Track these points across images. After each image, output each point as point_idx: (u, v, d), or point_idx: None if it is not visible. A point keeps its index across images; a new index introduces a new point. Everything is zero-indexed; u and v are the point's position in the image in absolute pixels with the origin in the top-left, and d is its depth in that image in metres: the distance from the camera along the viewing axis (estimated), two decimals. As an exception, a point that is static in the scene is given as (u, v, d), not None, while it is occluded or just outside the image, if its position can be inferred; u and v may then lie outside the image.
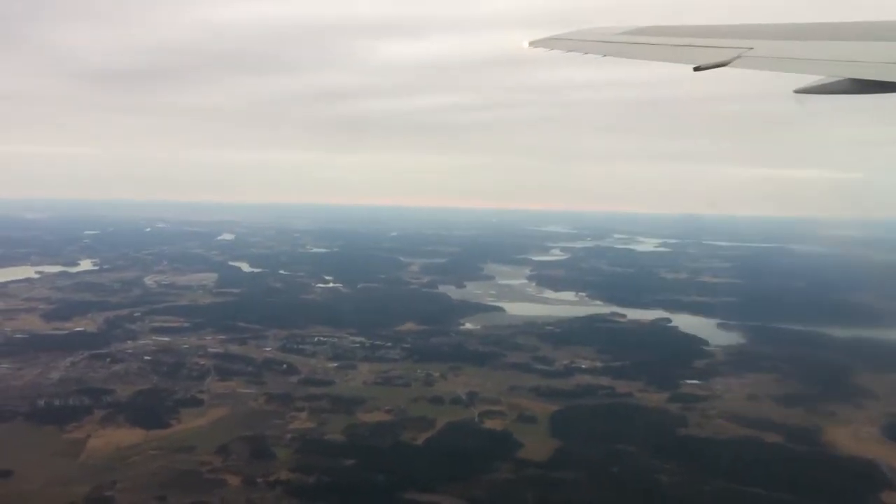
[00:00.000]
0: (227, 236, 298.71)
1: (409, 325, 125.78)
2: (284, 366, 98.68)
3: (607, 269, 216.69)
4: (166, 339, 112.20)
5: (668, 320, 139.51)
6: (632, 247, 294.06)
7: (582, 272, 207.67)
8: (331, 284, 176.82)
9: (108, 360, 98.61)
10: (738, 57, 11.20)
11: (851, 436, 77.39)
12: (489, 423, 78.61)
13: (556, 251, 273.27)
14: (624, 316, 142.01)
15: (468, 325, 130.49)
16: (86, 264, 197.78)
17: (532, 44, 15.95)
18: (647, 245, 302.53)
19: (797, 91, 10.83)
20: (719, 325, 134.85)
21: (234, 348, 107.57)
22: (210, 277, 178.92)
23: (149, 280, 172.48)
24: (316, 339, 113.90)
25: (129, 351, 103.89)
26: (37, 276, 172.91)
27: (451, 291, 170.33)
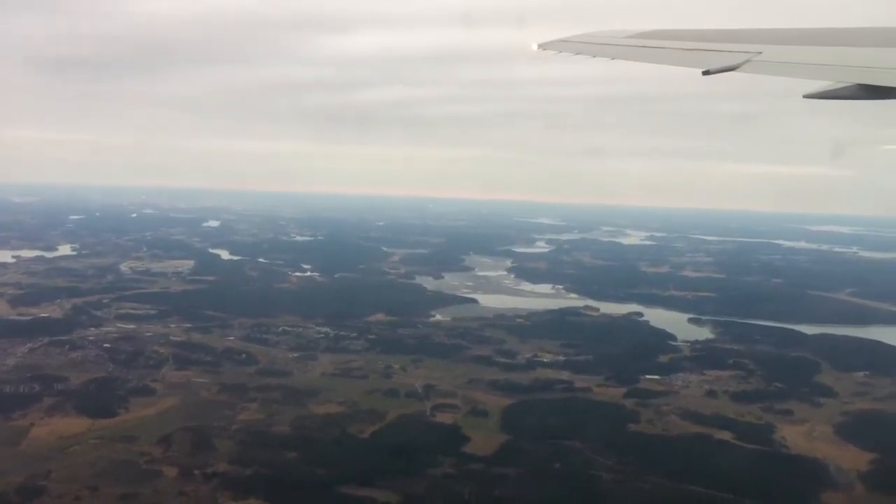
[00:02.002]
0: (213, 223, 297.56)
1: (379, 316, 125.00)
2: (244, 355, 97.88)
3: (589, 261, 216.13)
4: (131, 326, 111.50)
5: (640, 314, 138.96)
6: (618, 240, 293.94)
7: (563, 265, 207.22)
8: (308, 273, 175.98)
9: (67, 347, 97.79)
10: (748, 61, 11.25)
11: (804, 434, 77.09)
12: (440, 417, 78.08)
13: (541, 243, 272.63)
14: (597, 310, 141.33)
15: (438, 317, 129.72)
16: (64, 249, 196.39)
17: (541, 46, 16.08)
18: (633, 238, 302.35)
19: (806, 96, 10.76)
20: (690, 320, 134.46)
21: (197, 337, 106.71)
22: (187, 264, 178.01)
23: (124, 266, 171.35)
24: (281, 328, 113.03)
25: (91, 338, 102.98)
26: (12, 260, 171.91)
27: (428, 282, 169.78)
